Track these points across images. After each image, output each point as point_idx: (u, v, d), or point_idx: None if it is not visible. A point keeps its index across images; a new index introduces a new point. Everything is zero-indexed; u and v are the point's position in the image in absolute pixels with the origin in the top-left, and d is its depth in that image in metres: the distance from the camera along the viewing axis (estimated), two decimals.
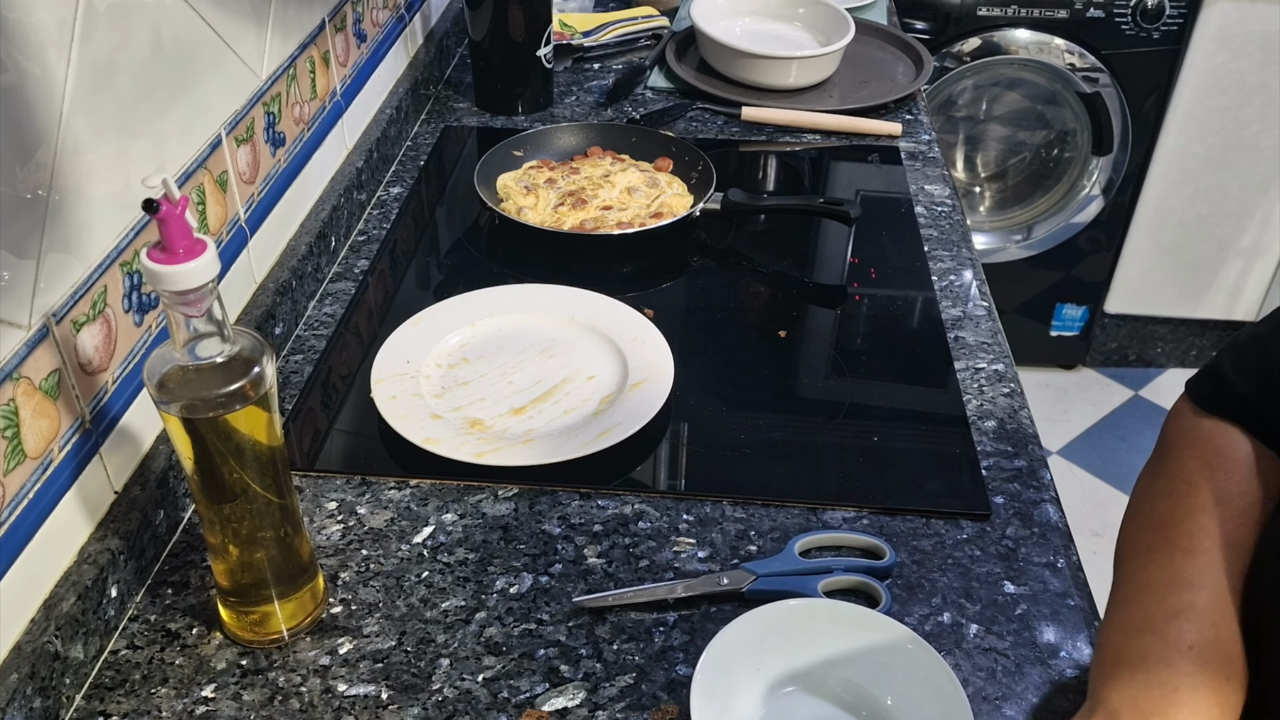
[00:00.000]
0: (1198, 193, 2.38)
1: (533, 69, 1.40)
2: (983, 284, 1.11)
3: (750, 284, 1.13)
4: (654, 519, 0.83)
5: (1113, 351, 2.67)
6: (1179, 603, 0.55)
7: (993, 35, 2.21)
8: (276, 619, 0.72)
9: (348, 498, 0.85)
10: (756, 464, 0.88)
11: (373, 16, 1.25)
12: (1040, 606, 0.77)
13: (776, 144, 1.38)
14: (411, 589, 0.77)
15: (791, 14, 1.60)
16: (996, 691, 0.71)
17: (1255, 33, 2.15)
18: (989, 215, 2.50)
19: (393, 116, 1.29)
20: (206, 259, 0.58)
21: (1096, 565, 0.66)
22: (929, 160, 1.33)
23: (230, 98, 0.91)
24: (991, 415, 0.94)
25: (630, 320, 1.01)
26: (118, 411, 0.75)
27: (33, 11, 0.63)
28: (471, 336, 1.00)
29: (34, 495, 0.66)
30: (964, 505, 0.84)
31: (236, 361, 0.63)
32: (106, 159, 0.72)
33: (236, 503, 0.67)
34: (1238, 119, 2.26)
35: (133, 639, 0.73)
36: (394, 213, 1.21)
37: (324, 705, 0.69)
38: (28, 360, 0.65)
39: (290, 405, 0.94)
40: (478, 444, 0.87)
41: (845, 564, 0.79)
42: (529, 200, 1.18)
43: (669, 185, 1.21)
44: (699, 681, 0.65)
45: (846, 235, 1.19)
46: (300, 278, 1.02)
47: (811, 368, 1.02)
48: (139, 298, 0.77)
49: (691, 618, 0.76)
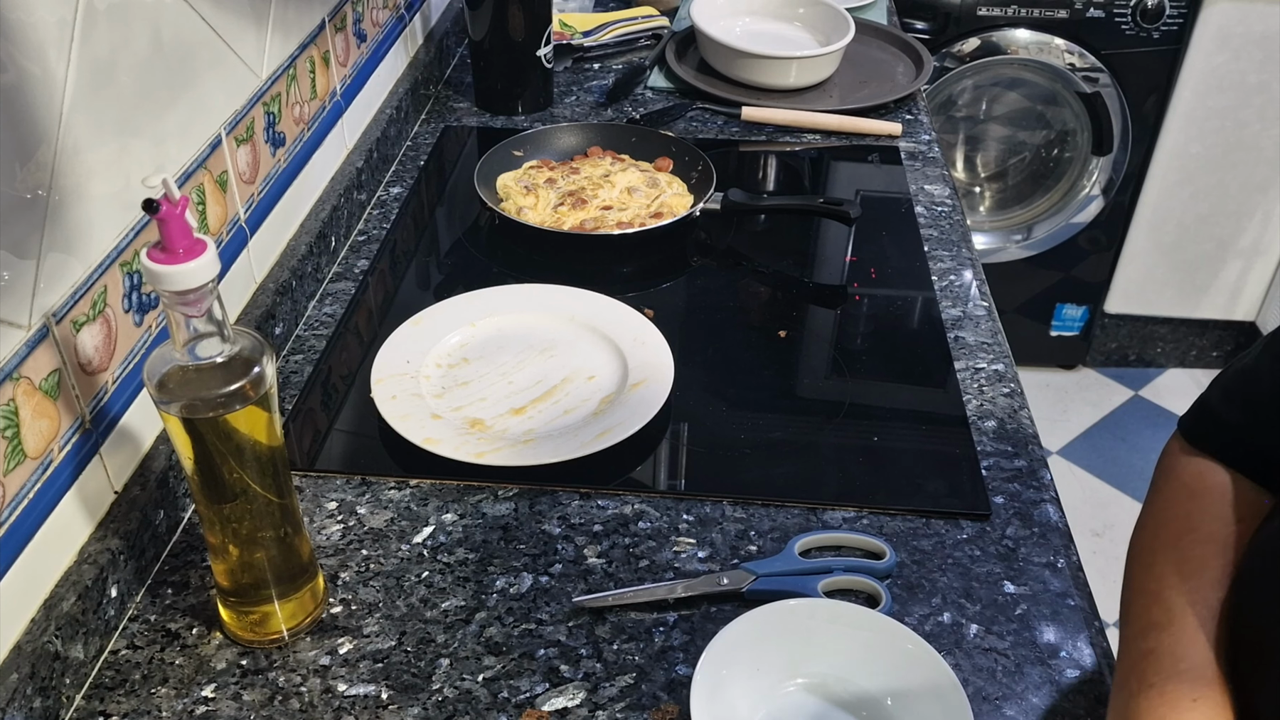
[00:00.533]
0: (1198, 193, 2.38)
1: (533, 69, 1.40)
2: (983, 284, 1.11)
3: (750, 284, 1.13)
4: (654, 519, 0.83)
5: (1113, 351, 2.67)
6: (1146, 643, 0.61)
7: (993, 35, 2.21)
8: (276, 619, 0.72)
9: (348, 498, 0.85)
10: (756, 464, 0.88)
11: (373, 16, 1.25)
12: (1040, 606, 0.77)
13: (776, 144, 1.38)
14: (411, 589, 0.77)
15: (791, 14, 1.60)
16: (996, 691, 0.71)
17: (1255, 33, 2.15)
18: (989, 215, 2.50)
19: (393, 116, 1.29)
20: (206, 259, 0.58)
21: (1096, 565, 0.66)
22: (929, 160, 1.33)
23: (230, 98, 0.91)
24: (991, 415, 0.94)
25: (630, 320, 1.01)
26: (118, 411, 0.75)
27: (33, 11, 0.63)
28: (471, 336, 1.00)
29: (34, 495, 0.66)
30: (964, 505, 0.84)
31: (236, 361, 0.63)
32: (106, 159, 0.72)
33: (236, 503, 0.67)
34: (1238, 119, 2.26)
35: (133, 639, 0.73)
36: (394, 213, 1.21)
37: (324, 705, 0.69)
38: (28, 360, 0.65)
39: (290, 405, 0.94)
40: (478, 444, 0.87)
41: (845, 564, 0.79)
42: (529, 200, 1.18)
43: (669, 185, 1.21)
44: (699, 681, 0.65)
45: (846, 235, 1.19)
46: (300, 278, 1.02)
47: (811, 368, 1.02)
48: (139, 298, 0.77)
49: (691, 618, 0.76)
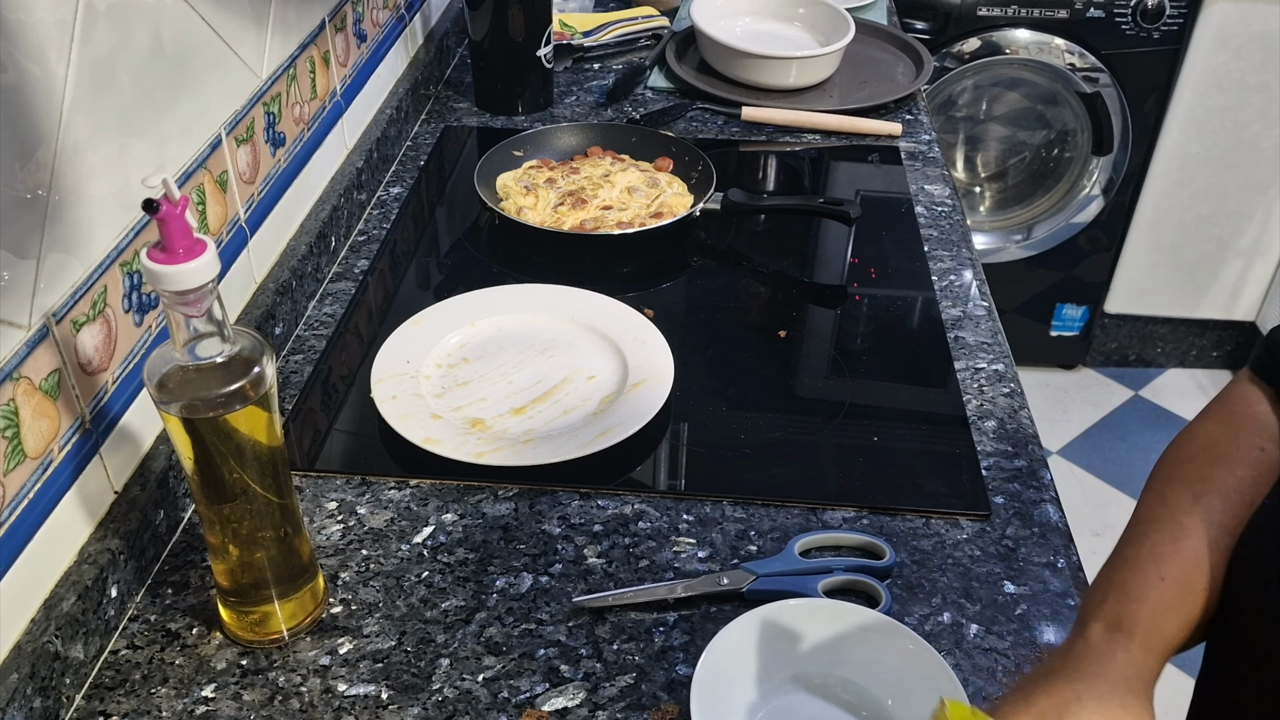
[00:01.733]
0: (1198, 193, 2.38)
1: (533, 69, 1.40)
2: (983, 284, 1.11)
3: (750, 284, 1.13)
4: (654, 519, 0.83)
5: (1113, 351, 2.67)
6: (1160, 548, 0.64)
7: (993, 35, 2.21)
8: (276, 619, 0.72)
9: (348, 498, 0.85)
10: (756, 464, 0.88)
11: (373, 16, 1.25)
12: (1040, 606, 0.77)
13: (776, 144, 1.38)
14: (411, 589, 0.77)
15: (791, 14, 1.60)
16: (996, 691, 0.71)
17: (1255, 33, 2.15)
18: (989, 215, 2.50)
19: (393, 116, 1.29)
20: (206, 259, 0.58)
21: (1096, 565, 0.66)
22: (929, 160, 1.33)
23: (230, 98, 0.91)
24: (991, 415, 0.94)
25: (630, 320, 1.01)
26: (118, 411, 0.75)
27: (33, 11, 0.63)
28: (471, 336, 1.00)
29: (34, 495, 0.66)
30: (964, 505, 0.84)
31: (236, 361, 0.63)
32: (106, 159, 0.72)
33: (236, 503, 0.67)
34: (1238, 119, 2.26)
35: (133, 639, 0.73)
36: (394, 213, 1.21)
37: (324, 705, 0.69)
38: (28, 360, 0.65)
39: (290, 405, 0.94)
40: (478, 444, 0.87)
41: (845, 564, 0.79)
42: (529, 200, 1.18)
43: (669, 185, 1.21)
44: (699, 681, 0.66)
45: (846, 235, 1.19)
46: (300, 278, 1.02)
47: (811, 368, 1.02)
48: (139, 298, 0.77)
49: (691, 618, 0.76)
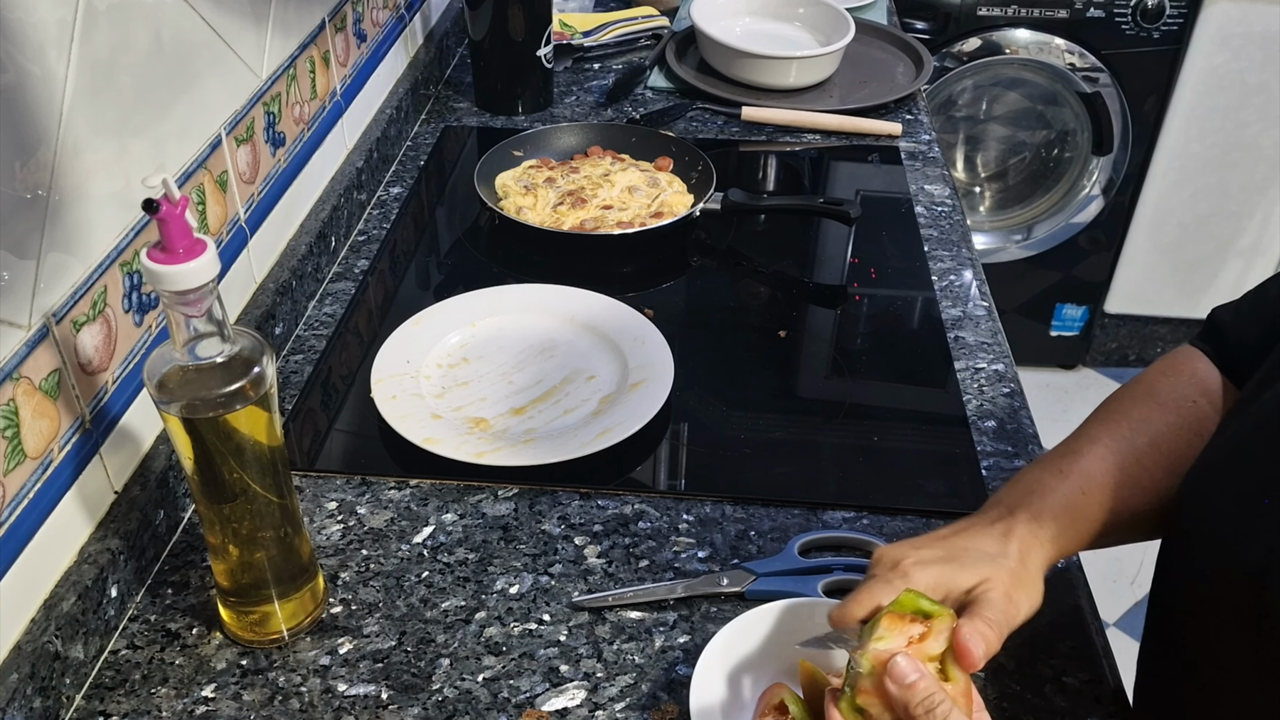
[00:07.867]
0: (1198, 193, 2.38)
1: (533, 69, 1.40)
2: (983, 284, 1.11)
3: (750, 284, 1.13)
4: (654, 519, 0.83)
5: (1113, 351, 2.67)
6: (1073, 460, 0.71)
7: (993, 35, 2.21)
8: (276, 619, 0.72)
9: (348, 498, 0.85)
10: (756, 464, 0.88)
11: (373, 16, 1.25)
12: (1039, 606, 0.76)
13: (776, 144, 1.38)
14: (411, 589, 0.77)
15: (791, 14, 1.60)
16: (996, 691, 0.71)
17: (1255, 33, 2.15)
18: (989, 215, 2.50)
19: (393, 116, 1.29)
20: (206, 259, 0.58)
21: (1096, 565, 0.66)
22: (929, 160, 1.33)
23: (230, 98, 0.91)
24: (991, 415, 0.94)
25: (630, 320, 1.01)
26: (118, 411, 0.75)
27: (33, 11, 0.63)
28: (472, 336, 1.00)
29: (34, 495, 0.66)
30: (964, 505, 0.84)
31: (236, 361, 0.63)
32: (106, 159, 0.72)
33: (236, 503, 0.67)
34: (1238, 119, 2.26)
35: (133, 639, 0.73)
36: (394, 213, 1.21)
37: (324, 705, 0.69)
38: (28, 360, 0.65)
39: (290, 405, 0.94)
40: (478, 444, 0.87)
41: (845, 564, 0.79)
42: (528, 200, 1.18)
43: (669, 185, 1.21)
44: (699, 681, 0.65)
45: (846, 235, 1.19)
46: (300, 278, 1.02)
47: (811, 368, 1.02)
48: (139, 298, 0.77)
49: (691, 618, 0.76)
